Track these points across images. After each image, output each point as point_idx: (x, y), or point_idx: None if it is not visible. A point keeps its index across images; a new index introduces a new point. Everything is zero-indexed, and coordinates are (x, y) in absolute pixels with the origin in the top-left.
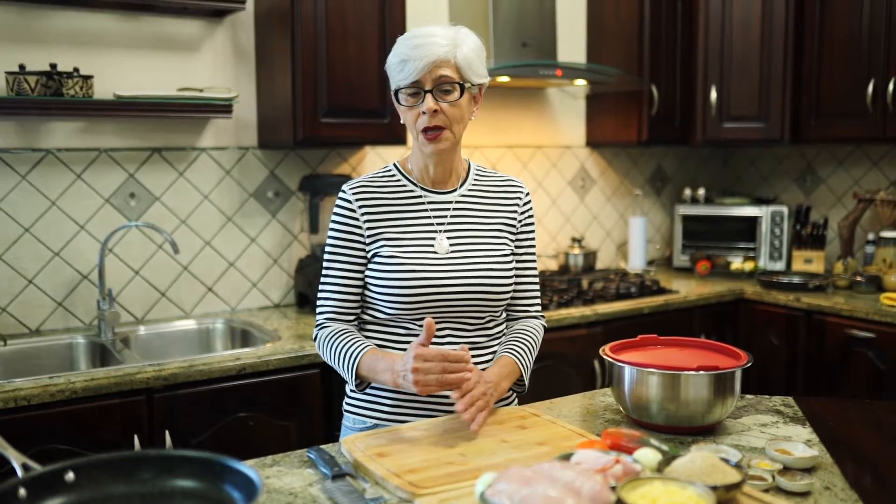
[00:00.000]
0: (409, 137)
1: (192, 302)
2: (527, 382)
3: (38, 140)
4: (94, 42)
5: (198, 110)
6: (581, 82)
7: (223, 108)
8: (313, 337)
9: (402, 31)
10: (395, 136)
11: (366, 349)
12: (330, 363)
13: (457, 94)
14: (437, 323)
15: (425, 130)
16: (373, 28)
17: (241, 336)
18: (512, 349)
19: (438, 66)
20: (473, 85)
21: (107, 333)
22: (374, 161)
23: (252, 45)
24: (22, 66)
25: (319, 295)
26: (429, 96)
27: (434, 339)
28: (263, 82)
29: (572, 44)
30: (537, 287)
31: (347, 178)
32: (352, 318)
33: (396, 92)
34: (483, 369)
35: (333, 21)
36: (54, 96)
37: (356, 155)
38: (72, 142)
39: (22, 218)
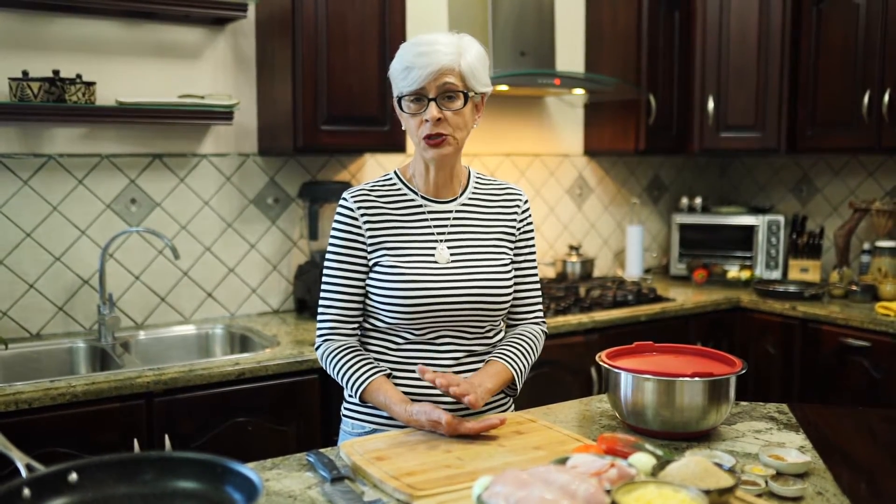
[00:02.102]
0: (410, 145)
1: (191, 307)
2: (519, 386)
3: (40, 146)
4: (97, 49)
5: (199, 117)
6: (579, 91)
7: (224, 114)
8: (315, 346)
9: (402, 39)
10: (395, 143)
11: (370, 381)
12: (333, 377)
13: (460, 102)
14: (436, 332)
15: (427, 137)
16: (373, 36)
17: (241, 341)
18: (504, 353)
19: (443, 74)
20: (476, 93)
21: (107, 338)
22: (374, 168)
23: (253, 52)
24: (25, 73)
25: (321, 303)
26: (432, 104)
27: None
28: (264, 89)
29: (570, 53)
30: (538, 293)
31: (347, 185)
32: (354, 325)
33: (399, 99)
34: None
35: (334, 29)
36: (57, 102)
37: (356, 162)
38: (73, 147)
39: (23, 223)
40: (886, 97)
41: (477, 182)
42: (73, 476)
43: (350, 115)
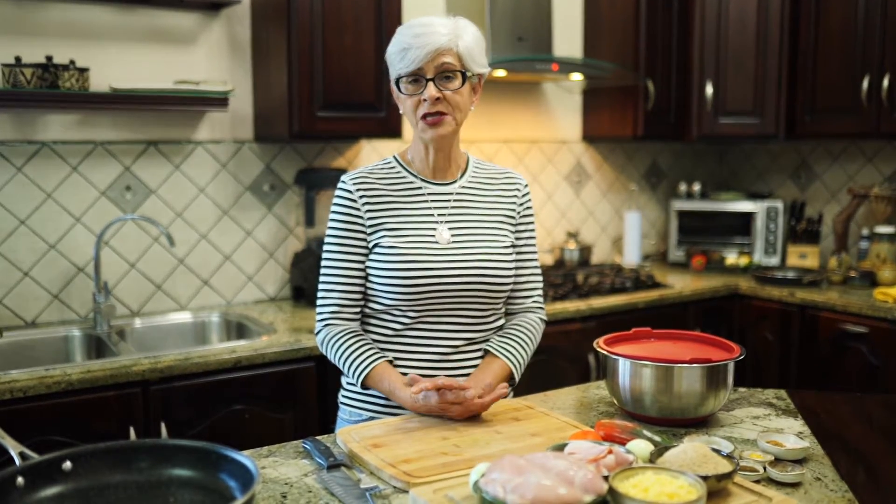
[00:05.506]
0: (406, 130)
1: (187, 295)
2: (517, 377)
3: (34, 132)
4: (91, 34)
5: (194, 103)
6: (577, 77)
7: (219, 101)
8: (315, 331)
9: (399, 24)
10: (391, 129)
11: (373, 366)
12: (334, 363)
13: (458, 81)
14: (436, 315)
15: (425, 116)
16: (369, 21)
17: (237, 329)
18: (503, 346)
19: (441, 53)
20: (474, 74)
21: (102, 326)
22: (370, 155)
23: (248, 38)
24: (18, 59)
25: (321, 287)
26: (430, 84)
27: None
28: (259, 76)
29: (568, 38)
30: (538, 279)
31: (343, 171)
32: (356, 310)
33: (397, 80)
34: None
35: (329, 14)
36: (50, 89)
37: (352, 149)
38: (68, 134)
39: (18, 210)
40: (886, 82)
41: (476, 166)
42: (68, 464)
43: (346, 102)
